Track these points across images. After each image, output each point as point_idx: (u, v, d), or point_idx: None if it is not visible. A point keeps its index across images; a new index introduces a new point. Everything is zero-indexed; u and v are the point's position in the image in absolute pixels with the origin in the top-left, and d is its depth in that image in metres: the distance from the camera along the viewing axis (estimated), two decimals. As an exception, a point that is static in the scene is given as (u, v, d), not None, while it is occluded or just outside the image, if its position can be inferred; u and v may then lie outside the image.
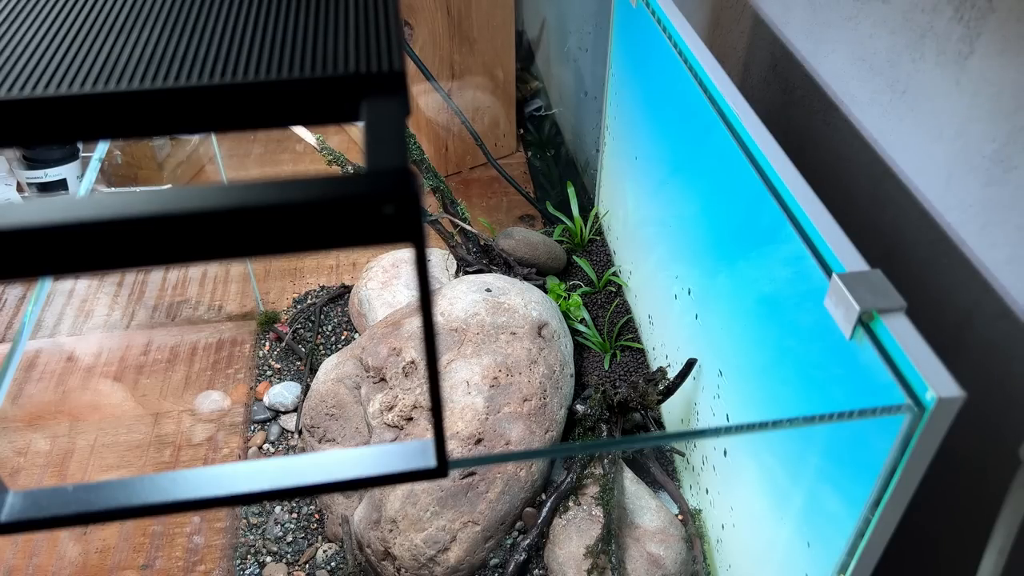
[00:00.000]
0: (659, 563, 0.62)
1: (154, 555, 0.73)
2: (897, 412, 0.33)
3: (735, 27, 0.73)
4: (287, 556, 0.69)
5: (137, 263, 0.17)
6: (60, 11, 0.23)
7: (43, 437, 0.83)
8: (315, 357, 0.86)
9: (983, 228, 0.44)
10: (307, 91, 0.20)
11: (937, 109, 0.47)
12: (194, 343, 0.93)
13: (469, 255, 0.85)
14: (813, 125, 0.61)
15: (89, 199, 0.16)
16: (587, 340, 0.81)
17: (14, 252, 0.16)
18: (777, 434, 0.49)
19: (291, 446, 0.79)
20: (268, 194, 0.17)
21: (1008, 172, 0.42)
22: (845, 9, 0.54)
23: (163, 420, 0.84)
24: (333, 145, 0.79)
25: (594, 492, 0.64)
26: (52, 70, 0.20)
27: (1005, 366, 0.44)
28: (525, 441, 0.64)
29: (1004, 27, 0.41)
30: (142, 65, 0.20)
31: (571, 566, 0.61)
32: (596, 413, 0.68)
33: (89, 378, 0.89)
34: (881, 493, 0.35)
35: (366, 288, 0.86)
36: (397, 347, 0.69)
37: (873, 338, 0.35)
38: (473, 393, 0.65)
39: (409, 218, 0.17)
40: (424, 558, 0.60)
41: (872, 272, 0.36)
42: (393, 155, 0.18)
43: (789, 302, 0.45)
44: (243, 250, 0.17)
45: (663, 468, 0.72)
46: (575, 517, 0.63)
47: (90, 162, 0.56)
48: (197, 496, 0.22)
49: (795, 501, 0.46)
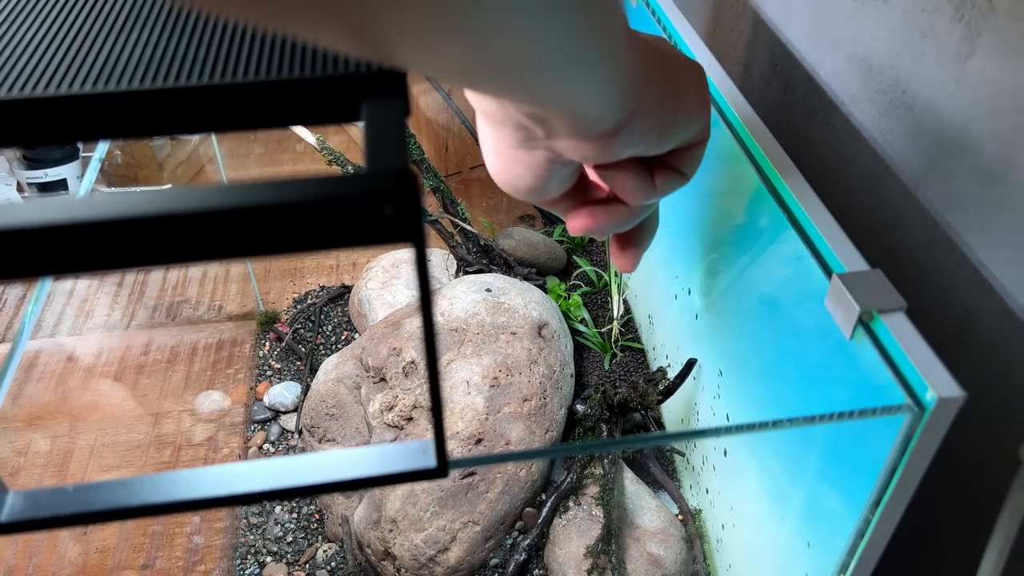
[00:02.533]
0: (659, 563, 0.62)
1: (154, 555, 0.73)
2: (897, 412, 0.33)
3: (735, 27, 0.73)
4: (287, 556, 0.69)
5: (137, 263, 0.17)
6: (60, 11, 0.23)
7: (43, 437, 0.83)
8: (315, 357, 0.86)
9: (983, 228, 0.44)
10: (307, 91, 0.20)
11: (937, 109, 0.47)
12: (194, 343, 0.93)
13: (469, 255, 0.85)
14: (813, 125, 0.61)
15: (89, 199, 0.16)
16: (587, 340, 0.81)
17: (14, 252, 0.16)
18: (777, 434, 0.49)
19: (291, 446, 0.79)
20: (268, 194, 0.17)
21: (1008, 172, 0.42)
22: (845, 9, 0.54)
23: (163, 420, 0.84)
24: (333, 145, 0.79)
25: (594, 492, 0.64)
26: (52, 70, 0.20)
27: (1005, 366, 0.44)
28: (525, 441, 0.64)
29: (1004, 27, 0.41)
30: (142, 65, 0.20)
31: (571, 566, 0.61)
32: (596, 413, 0.68)
33: (89, 378, 0.89)
34: (881, 493, 0.35)
35: (366, 288, 0.86)
36: (397, 347, 0.69)
37: (873, 338, 0.35)
38: (473, 393, 0.65)
39: (409, 218, 0.17)
40: (424, 558, 0.60)
41: (872, 272, 0.36)
42: (393, 155, 0.18)
43: (789, 302, 0.45)
44: (243, 250, 0.17)
45: (663, 468, 0.72)
46: (575, 517, 0.63)
47: (90, 162, 0.56)
48: (197, 496, 0.22)
49: (795, 501, 0.46)
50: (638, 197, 0.34)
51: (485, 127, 0.32)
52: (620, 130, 0.29)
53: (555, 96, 0.25)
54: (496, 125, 0.30)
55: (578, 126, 0.28)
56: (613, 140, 0.29)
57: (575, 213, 0.36)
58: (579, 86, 0.25)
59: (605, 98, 0.27)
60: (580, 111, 0.27)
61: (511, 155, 0.32)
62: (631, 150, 0.30)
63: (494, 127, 0.31)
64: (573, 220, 0.36)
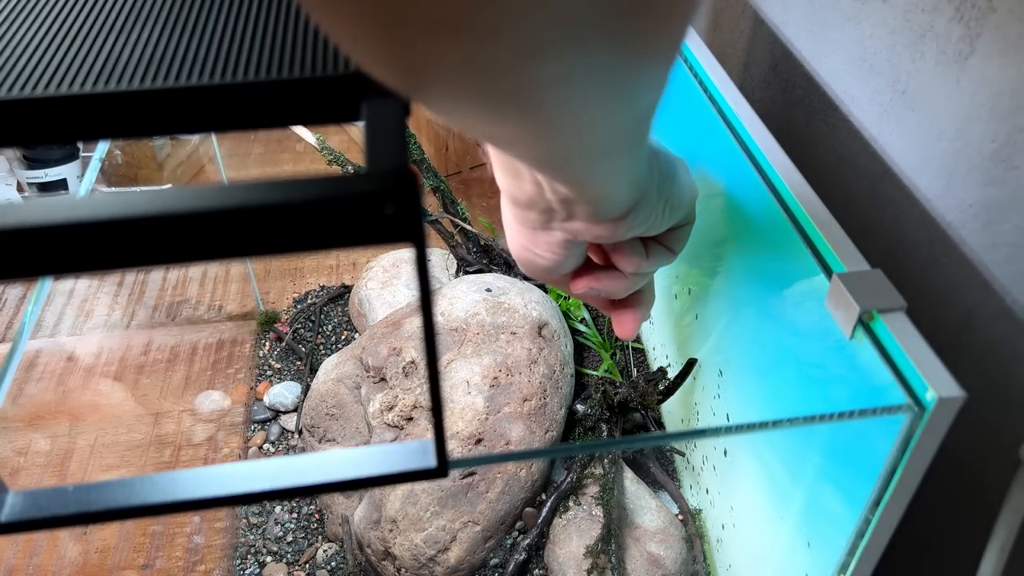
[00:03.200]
0: (659, 563, 0.62)
1: (154, 555, 0.73)
2: (897, 412, 0.33)
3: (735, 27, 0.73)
4: (287, 556, 0.69)
5: (137, 263, 0.17)
6: (60, 11, 0.23)
7: (43, 437, 0.83)
8: (315, 357, 0.86)
9: (983, 228, 0.44)
10: (307, 91, 0.20)
11: (937, 109, 0.47)
12: (194, 343, 0.93)
13: (469, 255, 0.85)
14: (813, 125, 0.61)
15: (89, 199, 0.16)
16: (587, 340, 0.81)
17: (14, 252, 0.16)
18: (777, 434, 0.49)
19: (291, 446, 0.79)
20: (268, 194, 0.17)
21: (1008, 172, 0.42)
22: (845, 9, 0.54)
23: (163, 420, 0.84)
24: (333, 145, 0.79)
25: (594, 492, 0.64)
26: (52, 70, 0.20)
27: (1005, 366, 0.44)
28: (525, 441, 0.64)
29: (1004, 27, 0.41)
30: (142, 65, 0.20)
31: (571, 566, 0.61)
32: (596, 413, 0.68)
33: (89, 378, 0.89)
34: (881, 493, 0.35)
35: (366, 288, 0.86)
36: (397, 347, 0.69)
37: (873, 338, 0.35)
38: (473, 393, 0.65)
39: (409, 218, 0.17)
40: (424, 558, 0.60)
41: (872, 272, 0.36)
42: (393, 155, 0.18)
43: (789, 302, 0.45)
44: (243, 250, 0.17)
45: (663, 468, 0.72)
46: (575, 517, 0.63)
47: (90, 162, 0.56)
48: (197, 496, 0.22)
49: (795, 501, 0.46)
50: (632, 266, 0.39)
51: (511, 212, 0.36)
52: (628, 214, 0.33)
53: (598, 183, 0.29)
54: (523, 208, 0.34)
55: (599, 210, 0.32)
56: (622, 223, 0.33)
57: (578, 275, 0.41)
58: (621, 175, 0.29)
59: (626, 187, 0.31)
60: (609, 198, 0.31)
61: (533, 237, 0.36)
62: (635, 231, 0.35)
63: (521, 210, 0.35)
64: (577, 283, 0.41)
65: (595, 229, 0.34)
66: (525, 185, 0.32)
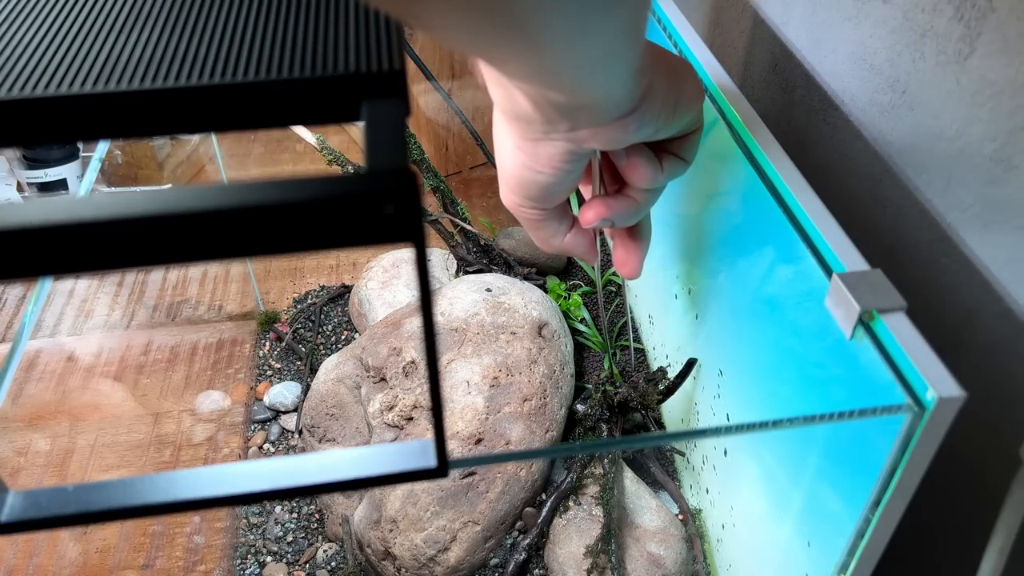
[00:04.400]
0: (659, 563, 0.62)
1: (154, 555, 0.73)
2: (897, 412, 0.33)
3: (735, 27, 0.73)
4: (287, 556, 0.69)
5: (137, 263, 0.17)
6: (60, 11, 0.23)
7: (43, 437, 0.83)
8: (315, 357, 0.86)
9: (983, 228, 0.44)
10: (307, 91, 0.20)
11: (937, 109, 0.47)
12: (194, 343, 0.93)
13: (469, 255, 0.85)
14: (813, 125, 0.61)
15: (89, 199, 0.16)
16: (587, 340, 0.81)
17: (14, 252, 0.16)
18: (777, 434, 0.49)
19: (291, 446, 0.79)
20: (268, 194, 0.17)
21: (1008, 172, 0.42)
22: (845, 9, 0.54)
23: (163, 420, 0.84)
24: (333, 145, 0.79)
25: (594, 492, 0.64)
26: (52, 70, 0.20)
27: (1005, 366, 0.44)
28: (525, 441, 0.64)
29: (1004, 27, 0.41)
30: (142, 65, 0.20)
31: (571, 566, 0.61)
32: (596, 413, 0.68)
33: (89, 378, 0.89)
34: (881, 493, 0.35)
35: (366, 288, 0.86)
36: (397, 347, 0.69)
37: (873, 338, 0.35)
38: (473, 393, 0.65)
39: (409, 218, 0.17)
40: (424, 558, 0.60)
41: (872, 272, 0.36)
42: (393, 155, 0.18)
43: (789, 302, 0.45)
44: (243, 250, 0.17)
45: (663, 468, 0.72)
46: (575, 517, 0.63)
47: (90, 162, 0.56)
48: (197, 496, 0.22)
49: (795, 501, 0.46)
50: (647, 178, 0.38)
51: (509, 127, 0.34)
52: (634, 111, 0.32)
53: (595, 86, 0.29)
54: (523, 122, 0.33)
55: (602, 111, 0.31)
56: (629, 122, 0.32)
57: (588, 205, 0.40)
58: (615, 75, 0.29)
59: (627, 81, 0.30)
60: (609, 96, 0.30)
61: (534, 150, 0.35)
62: (643, 131, 0.34)
63: (520, 124, 0.33)
64: (586, 212, 0.40)
65: (601, 133, 0.32)
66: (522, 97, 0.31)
